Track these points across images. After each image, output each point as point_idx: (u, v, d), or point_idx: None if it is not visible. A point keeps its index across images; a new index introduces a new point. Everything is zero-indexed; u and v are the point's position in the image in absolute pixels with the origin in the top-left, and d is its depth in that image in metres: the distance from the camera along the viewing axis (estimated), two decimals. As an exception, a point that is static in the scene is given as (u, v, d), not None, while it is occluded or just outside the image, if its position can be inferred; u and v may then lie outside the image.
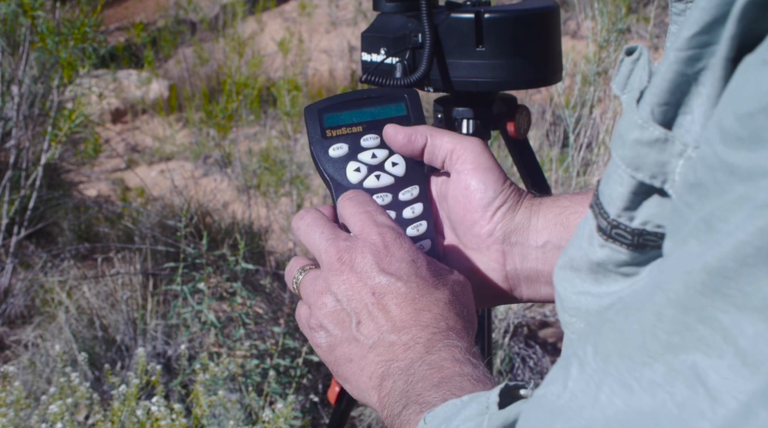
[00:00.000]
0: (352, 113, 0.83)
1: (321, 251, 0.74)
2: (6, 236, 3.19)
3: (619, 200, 0.48)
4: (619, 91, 0.52)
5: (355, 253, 0.72)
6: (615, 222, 0.49)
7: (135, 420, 2.07)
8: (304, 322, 0.75)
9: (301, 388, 2.51)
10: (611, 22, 3.34)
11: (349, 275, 0.71)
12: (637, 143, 0.45)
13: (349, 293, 0.71)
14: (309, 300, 0.74)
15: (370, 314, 0.70)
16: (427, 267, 0.73)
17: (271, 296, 2.84)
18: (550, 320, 3.14)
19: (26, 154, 3.32)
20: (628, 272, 0.50)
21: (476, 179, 0.79)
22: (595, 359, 0.42)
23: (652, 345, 0.38)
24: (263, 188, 3.98)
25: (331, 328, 0.72)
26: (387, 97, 0.84)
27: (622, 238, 0.49)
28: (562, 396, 0.43)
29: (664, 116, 0.44)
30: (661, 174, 0.45)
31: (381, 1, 1.38)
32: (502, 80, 1.34)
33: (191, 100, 5.48)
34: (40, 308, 3.08)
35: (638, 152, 0.46)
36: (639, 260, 0.49)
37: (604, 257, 0.50)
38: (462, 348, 0.67)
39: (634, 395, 0.38)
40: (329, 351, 0.72)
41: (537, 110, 4.31)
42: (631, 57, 0.51)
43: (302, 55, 5.99)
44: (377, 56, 1.37)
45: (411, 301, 0.70)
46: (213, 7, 6.87)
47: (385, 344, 0.69)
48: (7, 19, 3.23)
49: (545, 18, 1.35)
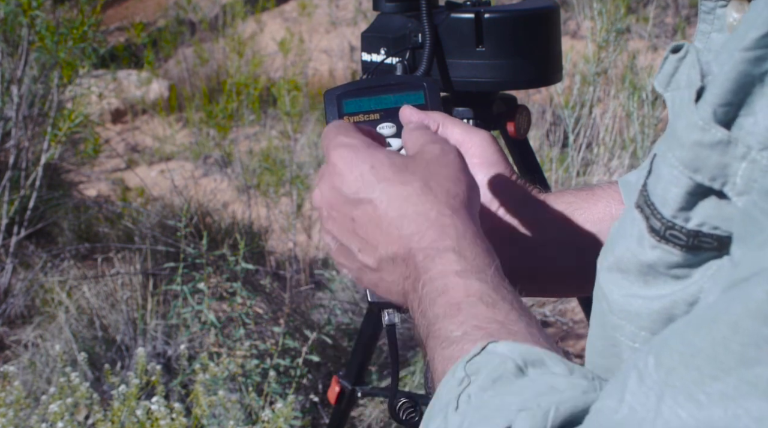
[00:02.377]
0: (371, 100, 0.83)
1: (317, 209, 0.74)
2: (6, 236, 3.19)
3: (675, 201, 0.47)
4: (662, 88, 0.52)
5: (324, 190, 0.70)
6: (670, 223, 0.48)
7: (135, 420, 2.07)
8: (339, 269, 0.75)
9: (301, 388, 2.51)
10: (610, 22, 3.34)
11: (330, 211, 0.70)
12: (698, 145, 0.45)
13: (337, 227, 0.70)
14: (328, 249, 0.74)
15: (361, 239, 0.68)
16: (389, 165, 0.68)
17: (271, 296, 2.84)
18: (550, 320, 3.14)
19: (26, 154, 3.32)
20: (679, 274, 0.49)
21: (482, 174, 0.79)
22: (657, 370, 0.40)
23: (725, 357, 0.37)
24: (263, 188, 3.98)
25: (346, 263, 0.71)
26: (406, 84, 0.84)
27: (677, 239, 0.48)
28: (619, 410, 0.41)
29: (725, 117, 0.44)
30: (721, 176, 0.44)
31: (381, 1, 1.38)
32: (502, 80, 1.34)
33: (191, 101, 5.48)
34: (40, 308, 3.08)
35: (698, 154, 0.45)
36: (692, 262, 0.48)
37: (656, 259, 0.50)
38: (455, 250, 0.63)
39: (703, 408, 0.37)
40: (360, 282, 0.71)
41: (537, 110, 4.31)
42: (677, 55, 0.51)
43: (302, 55, 5.99)
44: (377, 56, 1.37)
45: (384, 213, 0.67)
46: (213, 7, 6.87)
47: (388, 260, 0.67)
48: (7, 19, 3.22)
49: (545, 18, 1.35)
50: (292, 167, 3.78)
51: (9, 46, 3.29)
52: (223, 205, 4.13)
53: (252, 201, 3.94)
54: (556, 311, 3.14)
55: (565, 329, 3.13)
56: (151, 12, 7.17)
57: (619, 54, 3.60)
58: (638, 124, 3.51)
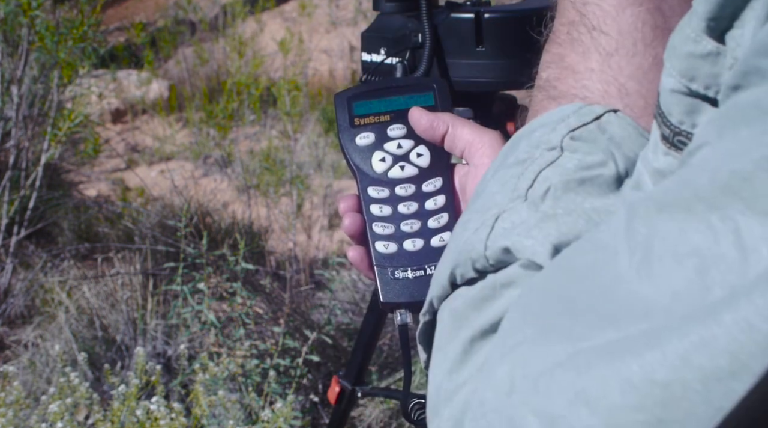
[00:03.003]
0: (381, 102, 0.84)
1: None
2: (6, 236, 3.19)
3: (678, 107, 0.48)
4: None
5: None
6: (677, 129, 0.49)
7: (135, 420, 2.07)
8: None
9: (301, 388, 2.51)
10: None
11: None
12: (690, 56, 0.46)
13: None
14: None
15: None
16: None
17: (271, 296, 2.84)
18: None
19: (26, 154, 3.32)
20: None
21: None
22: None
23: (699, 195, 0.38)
24: (263, 188, 3.98)
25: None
26: (416, 86, 0.86)
27: (683, 145, 0.49)
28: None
29: (717, 29, 0.45)
30: (714, 85, 0.46)
31: (381, 1, 1.38)
32: (502, 80, 1.34)
33: (191, 101, 5.48)
34: (40, 308, 3.08)
35: (692, 64, 0.47)
36: None
37: (666, 166, 0.51)
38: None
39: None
40: None
41: (537, 110, 4.31)
42: None
43: (302, 55, 5.99)
44: (377, 56, 1.37)
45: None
46: (213, 7, 6.87)
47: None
48: (7, 19, 3.22)
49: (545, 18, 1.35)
50: (292, 167, 3.78)
51: (9, 46, 3.29)
52: (223, 205, 4.14)
53: (252, 201, 3.94)
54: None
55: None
56: (150, 12, 7.17)
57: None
58: (638, 124, 3.51)
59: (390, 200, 0.82)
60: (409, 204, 0.82)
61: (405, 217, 0.82)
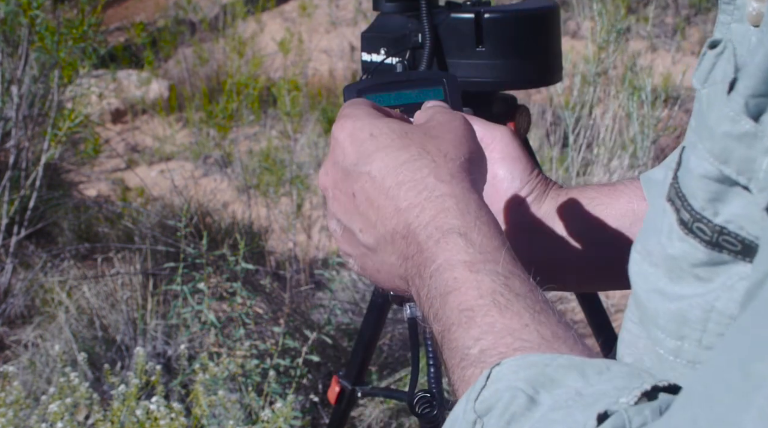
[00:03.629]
0: (391, 95, 0.83)
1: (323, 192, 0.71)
2: (6, 236, 3.19)
3: (704, 192, 0.47)
4: (699, 85, 0.51)
5: (328, 168, 0.68)
6: (698, 216, 0.47)
7: (135, 420, 2.07)
8: (345, 261, 0.71)
9: (301, 388, 2.51)
10: (610, 22, 3.34)
11: (333, 191, 0.67)
12: (727, 136, 0.44)
13: (340, 208, 0.66)
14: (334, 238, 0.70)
15: (362, 217, 0.64)
16: (389, 132, 0.65)
17: (271, 296, 2.84)
18: (550, 320, 3.14)
19: (26, 154, 3.32)
20: (702, 274, 0.49)
21: (504, 169, 0.79)
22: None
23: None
24: (263, 188, 3.98)
25: (349, 249, 0.67)
26: (426, 80, 0.84)
27: (702, 233, 0.47)
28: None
29: (756, 109, 0.43)
30: (747, 171, 0.44)
31: (381, 1, 1.38)
32: (502, 80, 1.35)
33: (191, 101, 5.48)
34: (40, 308, 3.08)
35: (727, 145, 0.44)
36: (715, 262, 0.48)
37: (681, 253, 0.49)
38: (460, 232, 0.58)
39: None
40: (363, 270, 0.67)
41: (537, 110, 4.31)
42: (715, 50, 0.50)
43: (302, 55, 5.99)
44: (377, 56, 1.37)
45: (381, 180, 0.63)
46: (213, 7, 6.86)
47: (387, 239, 0.62)
48: (7, 19, 3.22)
49: (545, 18, 1.35)
50: (292, 167, 3.78)
51: (9, 46, 3.29)
52: (223, 205, 4.13)
53: (252, 201, 3.94)
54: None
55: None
56: (150, 12, 7.17)
57: (619, 54, 3.60)
58: (638, 124, 3.51)
59: None
60: None
61: None
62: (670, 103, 4.05)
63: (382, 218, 0.62)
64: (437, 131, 0.65)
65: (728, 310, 0.48)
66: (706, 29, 6.05)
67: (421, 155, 0.63)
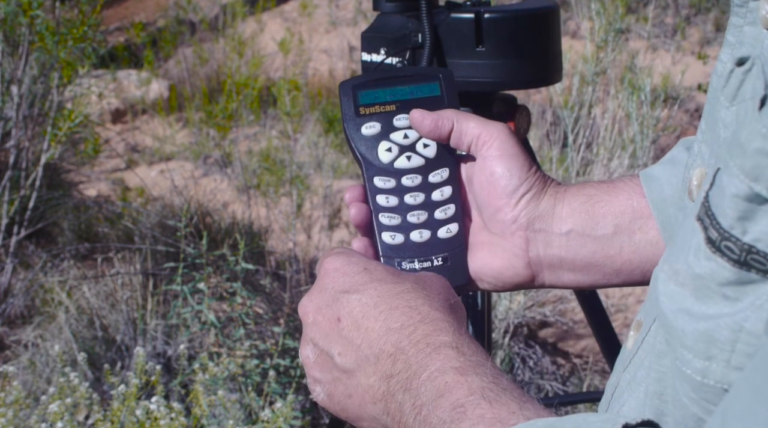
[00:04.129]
0: (387, 91, 0.82)
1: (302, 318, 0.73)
2: (6, 236, 3.19)
3: (733, 210, 0.46)
4: (728, 103, 0.51)
5: (313, 293, 0.71)
6: (726, 234, 0.47)
7: (134, 420, 2.07)
8: (311, 389, 0.73)
9: (301, 388, 2.51)
10: (609, 22, 3.35)
11: (316, 315, 0.69)
12: (759, 153, 0.44)
13: (321, 332, 0.68)
14: (304, 366, 0.72)
15: (345, 340, 0.67)
16: (383, 270, 0.70)
17: (271, 296, 2.84)
18: (550, 320, 3.14)
19: (26, 154, 3.32)
20: (730, 294, 0.48)
21: (502, 166, 0.79)
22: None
23: None
24: (263, 188, 3.99)
25: (320, 376, 0.69)
26: (422, 76, 0.84)
27: (730, 252, 0.47)
28: None
29: None
30: None
31: (381, 1, 1.38)
32: (502, 80, 1.35)
33: (191, 101, 5.48)
34: (40, 308, 3.08)
35: (759, 162, 0.44)
36: (744, 280, 0.47)
37: (709, 272, 0.49)
38: (451, 345, 0.62)
39: None
40: (330, 399, 0.68)
41: (537, 110, 4.31)
42: (743, 68, 0.50)
43: (302, 55, 5.99)
44: (377, 56, 1.37)
45: (373, 306, 0.66)
46: (213, 7, 6.87)
47: (371, 360, 0.65)
48: (7, 18, 3.22)
49: (545, 18, 1.36)
50: (292, 167, 3.78)
51: (9, 46, 3.29)
52: (223, 205, 4.14)
53: (252, 201, 3.94)
54: (556, 311, 3.14)
55: (565, 329, 3.14)
56: (150, 12, 7.17)
57: (619, 54, 3.60)
58: (638, 124, 3.51)
59: (396, 191, 0.81)
60: (416, 195, 0.81)
61: (412, 208, 0.81)
62: (670, 103, 4.05)
63: (368, 339, 0.65)
64: (428, 279, 0.71)
65: (757, 330, 0.47)
66: (706, 29, 6.06)
67: (414, 289, 0.67)
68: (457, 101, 0.84)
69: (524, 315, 3.05)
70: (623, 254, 0.78)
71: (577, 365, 2.93)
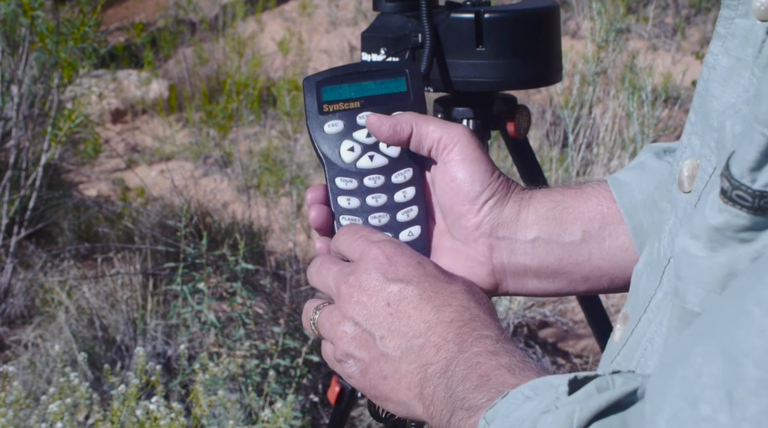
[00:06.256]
0: (351, 87, 0.79)
1: (331, 286, 0.73)
2: (6, 236, 3.19)
3: (746, 160, 0.47)
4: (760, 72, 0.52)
5: (360, 273, 0.71)
6: (737, 183, 0.48)
7: (135, 420, 2.07)
8: (331, 358, 0.73)
9: (301, 388, 2.51)
10: (610, 22, 3.35)
11: (360, 295, 0.70)
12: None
13: (365, 312, 0.70)
14: (329, 335, 0.72)
15: (391, 325, 0.69)
16: (434, 267, 0.72)
17: (271, 296, 2.84)
18: (550, 320, 3.14)
19: (26, 154, 3.32)
20: (746, 237, 0.49)
21: (463, 172, 0.76)
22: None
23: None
24: (263, 188, 3.98)
25: (357, 353, 0.70)
26: (388, 71, 0.81)
27: (743, 201, 0.48)
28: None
29: None
30: None
31: (381, 1, 1.38)
32: (502, 80, 1.35)
33: (191, 100, 5.48)
34: (40, 309, 3.08)
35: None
36: (760, 226, 0.48)
37: (723, 223, 0.50)
38: (492, 337, 0.66)
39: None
40: (362, 376, 0.70)
41: (537, 110, 4.31)
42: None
43: (302, 55, 5.99)
44: (377, 56, 1.37)
45: (427, 300, 0.69)
46: (213, 7, 6.87)
47: (415, 349, 0.67)
48: (7, 19, 3.23)
49: (545, 18, 1.36)
50: (292, 167, 3.78)
51: (9, 46, 3.29)
52: (223, 205, 4.14)
53: (252, 201, 3.94)
54: (556, 311, 3.14)
55: (565, 329, 3.14)
56: (151, 12, 7.17)
57: (619, 54, 3.60)
58: (638, 124, 3.51)
59: (358, 192, 0.78)
60: (378, 196, 0.79)
61: (373, 210, 0.78)
62: (670, 103, 4.05)
63: (417, 330, 0.68)
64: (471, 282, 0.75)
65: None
66: (706, 29, 6.06)
67: (466, 291, 0.71)
68: (423, 96, 0.81)
69: (524, 315, 3.05)
70: (592, 260, 0.77)
71: (577, 365, 2.93)
